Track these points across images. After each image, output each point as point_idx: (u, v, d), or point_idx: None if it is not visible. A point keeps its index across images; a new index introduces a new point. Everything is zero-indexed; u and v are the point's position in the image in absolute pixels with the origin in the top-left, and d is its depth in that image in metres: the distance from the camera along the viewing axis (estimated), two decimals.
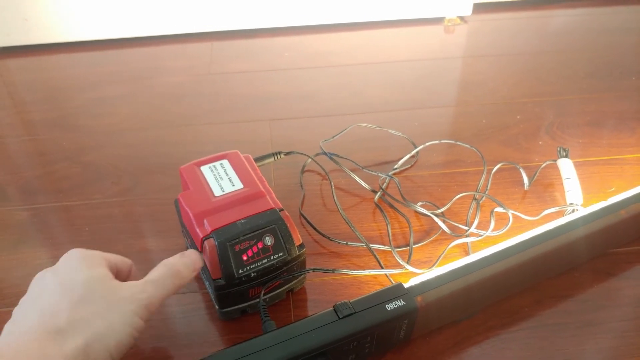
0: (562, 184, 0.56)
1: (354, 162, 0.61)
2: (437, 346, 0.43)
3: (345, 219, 0.52)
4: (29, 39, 0.88)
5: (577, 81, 0.77)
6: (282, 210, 0.43)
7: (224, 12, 0.89)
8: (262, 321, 0.40)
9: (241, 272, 0.41)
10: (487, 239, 0.51)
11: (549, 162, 0.59)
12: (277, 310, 0.46)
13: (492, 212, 0.52)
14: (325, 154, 0.60)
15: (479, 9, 0.96)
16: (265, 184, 0.46)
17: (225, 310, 0.43)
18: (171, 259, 0.39)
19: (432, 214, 0.53)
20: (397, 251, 0.50)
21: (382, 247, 0.51)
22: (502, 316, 0.45)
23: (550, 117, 0.70)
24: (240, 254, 0.41)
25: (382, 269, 0.49)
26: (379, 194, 0.57)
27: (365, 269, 0.49)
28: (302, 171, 0.61)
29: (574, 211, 0.52)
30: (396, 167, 0.61)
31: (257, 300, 0.43)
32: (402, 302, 0.39)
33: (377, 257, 0.49)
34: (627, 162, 0.61)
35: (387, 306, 0.39)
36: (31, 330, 0.32)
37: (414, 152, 0.63)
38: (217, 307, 0.44)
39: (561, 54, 0.85)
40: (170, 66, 0.84)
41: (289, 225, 0.42)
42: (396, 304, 0.39)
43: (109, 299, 0.34)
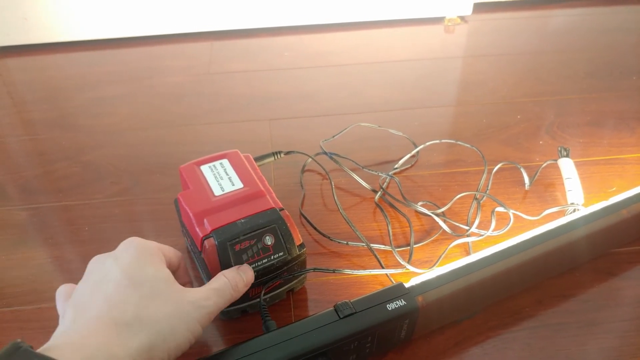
0: (563, 184, 0.56)
1: (354, 161, 0.60)
2: (438, 346, 0.43)
3: (345, 219, 0.52)
4: (29, 39, 0.88)
5: (578, 81, 0.77)
6: (282, 209, 0.43)
7: (224, 12, 0.89)
8: (263, 321, 0.40)
9: None
10: (488, 238, 0.51)
11: (549, 162, 0.59)
12: (277, 310, 0.46)
13: (493, 211, 0.52)
14: (325, 153, 0.60)
15: (479, 8, 0.96)
16: (265, 184, 0.46)
17: (225, 310, 0.43)
18: (230, 272, 0.39)
19: (432, 213, 0.53)
20: (397, 251, 0.50)
21: (382, 246, 0.51)
22: (503, 316, 0.45)
23: (550, 117, 0.70)
24: (240, 253, 0.40)
25: (383, 268, 0.48)
26: (379, 193, 0.57)
27: (365, 268, 0.49)
28: (303, 171, 0.61)
29: (575, 211, 0.52)
30: (397, 166, 0.61)
31: (258, 300, 0.43)
32: (403, 302, 0.39)
33: (378, 256, 0.49)
34: (627, 162, 0.61)
35: (388, 306, 0.38)
36: (98, 320, 0.32)
37: (414, 152, 0.63)
38: None
39: (561, 53, 0.85)
40: (169, 66, 0.84)
41: (289, 224, 0.42)
42: (397, 304, 0.39)
43: (175, 303, 0.35)
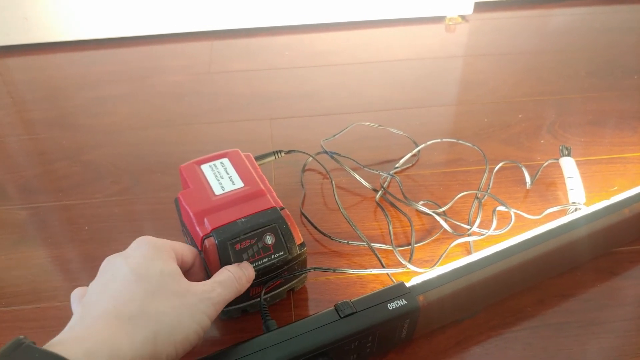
0: (565, 183, 0.56)
1: (355, 160, 0.60)
2: (439, 346, 0.43)
3: (346, 218, 0.52)
4: (29, 38, 0.88)
5: (578, 80, 0.77)
6: (282, 209, 0.43)
7: (224, 11, 0.89)
8: (263, 320, 0.40)
9: None
10: (489, 238, 0.51)
11: (551, 161, 0.59)
12: (278, 309, 0.46)
13: (494, 211, 0.52)
14: (326, 152, 0.60)
15: (480, 7, 0.96)
16: (265, 183, 0.45)
17: (225, 309, 0.43)
18: (232, 267, 0.39)
19: (433, 212, 0.53)
20: (398, 250, 0.49)
21: (383, 246, 0.51)
22: (505, 315, 0.45)
23: (551, 116, 0.69)
24: (240, 252, 0.40)
25: (384, 268, 0.48)
26: (380, 192, 0.57)
27: (366, 268, 0.49)
28: (303, 170, 0.61)
29: (576, 210, 0.52)
30: (397, 165, 0.61)
31: (258, 299, 0.43)
32: (404, 301, 0.39)
33: (379, 256, 0.49)
34: (629, 161, 0.61)
35: (388, 305, 0.38)
36: (104, 315, 0.32)
37: (415, 151, 0.62)
38: None
39: (562, 53, 0.84)
40: (170, 65, 0.84)
41: (289, 224, 0.42)
42: (398, 304, 0.38)
43: (181, 296, 0.35)
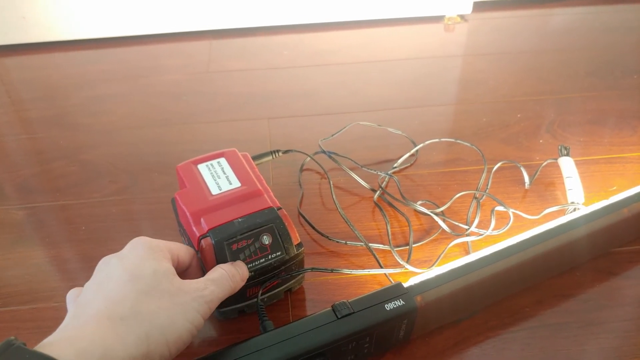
0: (563, 183, 0.56)
1: (353, 160, 0.60)
2: (437, 346, 0.43)
3: (344, 218, 0.52)
4: (27, 37, 0.88)
5: (578, 80, 0.77)
6: (280, 208, 0.43)
7: (223, 11, 0.89)
8: (260, 321, 0.40)
9: None
10: (488, 238, 0.51)
11: (550, 161, 0.59)
12: (275, 310, 0.46)
13: (493, 211, 0.52)
14: (324, 152, 0.60)
15: (479, 7, 0.96)
16: (263, 183, 0.45)
17: (222, 310, 0.43)
18: (226, 265, 0.39)
19: (432, 213, 0.52)
20: (396, 250, 0.49)
21: (381, 246, 0.51)
22: (503, 316, 0.45)
23: (551, 116, 0.69)
24: (237, 253, 0.40)
25: (382, 268, 0.48)
26: (378, 192, 0.57)
27: (364, 268, 0.49)
28: (301, 170, 0.61)
29: (575, 210, 0.52)
30: (396, 165, 0.61)
31: (255, 299, 0.43)
32: (402, 301, 0.38)
33: (377, 256, 0.49)
34: (628, 161, 0.61)
35: (386, 306, 0.38)
36: (96, 315, 0.32)
37: (413, 151, 0.62)
38: None
39: (562, 52, 0.84)
40: (168, 64, 0.84)
41: (287, 224, 0.42)
42: (395, 304, 0.38)
43: (173, 295, 0.35)
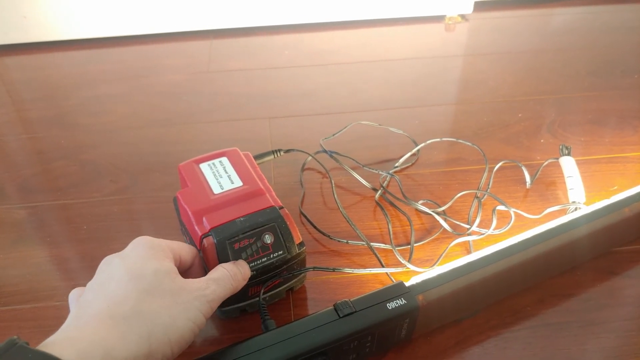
0: (565, 182, 0.56)
1: (354, 160, 0.60)
2: (439, 345, 0.43)
3: (345, 217, 0.52)
4: (28, 37, 0.88)
5: (579, 79, 0.77)
6: (281, 208, 0.43)
7: (223, 10, 0.89)
8: (262, 320, 0.40)
9: None
10: (489, 237, 0.51)
11: (551, 160, 0.59)
12: (277, 309, 0.46)
13: (494, 210, 0.52)
14: (325, 151, 0.60)
15: (479, 7, 0.96)
16: (264, 182, 0.45)
17: (224, 309, 0.43)
18: (228, 264, 0.39)
19: (433, 212, 0.52)
20: (398, 250, 0.49)
21: (383, 245, 0.51)
22: (504, 315, 0.45)
23: (551, 115, 0.69)
24: (239, 252, 0.40)
25: (383, 267, 0.48)
26: (379, 192, 0.57)
27: (366, 267, 0.49)
28: (302, 169, 0.61)
29: (576, 209, 0.52)
30: (397, 165, 0.61)
31: (257, 299, 0.43)
32: (403, 301, 0.38)
33: (378, 255, 0.49)
34: (629, 160, 0.61)
35: (388, 305, 0.38)
36: (98, 315, 0.32)
37: (414, 150, 0.62)
38: None
39: (562, 52, 0.84)
40: (168, 64, 0.84)
41: (288, 223, 0.42)
42: (397, 303, 0.38)
43: (175, 294, 0.35)
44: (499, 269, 0.42)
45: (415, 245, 0.51)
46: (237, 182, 0.44)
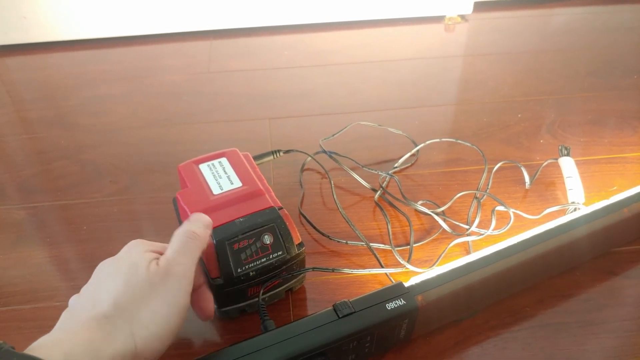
0: (564, 183, 0.56)
1: (354, 160, 0.60)
2: (438, 346, 0.43)
3: (345, 218, 0.52)
4: (28, 37, 0.88)
5: (578, 80, 0.77)
6: (281, 208, 0.43)
7: (223, 11, 0.89)
8: (261, 320, 0.40)
9: (240, 271, 0.40)
10: (488, 237, 0.51)
11: (550, 161, 0.59)
12: (276, 309, 0.46)
13: (493, 210, 0.52)
14: (325, 152, 0.60)
15: (479, 7, 0.96)
16: (264, 182, 0.45)
17: (224, 309, 0.43)
18: (181, 227, 0.38)
19: (432, 212, 0.52)
20: (397, 250, 0.49)
21: (382, 246, 0.51)
22: (504, 315, 0.45)
23: (551, 116, 0.69)
24: (238, 252, 0.40)
25: (382, 268, 0.48)
26: (379, 192, 0.57)
27: (365, 268, 0.49)
28: (302, 170, 0.61)
29: (575, 210, 0.52)
30: (396, 165, 0.61)
31: (256, 299, 0.43)
32: (403, 301, 0.38)
33: (377, 256, 0.49)
34: (629, 161, 0.61)
35: (387, 305, 0.38)
36: (83, 318, 0.33)
37: (414, 151, 0.62)
38: (215, 306, 0.43)
39: (562, 52, 0.84)
40: (169, 64, 0.84)
41: (288, 223, 0.42)
42: (396, 304, 0.38)
43: (152, 283, 0.35)
44: (498, 270, 0.42)
45: (414, 245, 0.51)
46: (237, 183, 0.44)
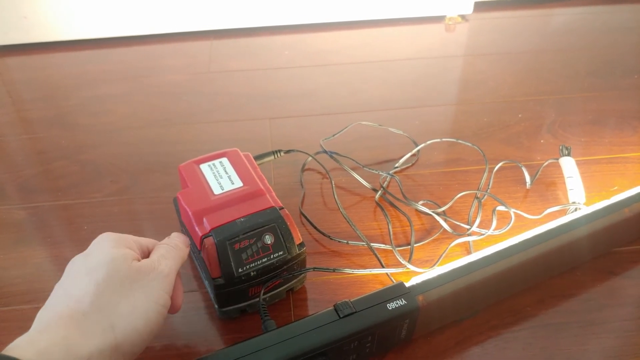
0: (565, 183, 0.56)
1: (354, 160, 0.60)
2: (439, 346, 0.43)
3: (345, 218, 0.52)
4: (28, 37, 0.88)
5: (579, 80, 0.77)
6: (282, 208, 0.43)
7: (224, 11, 0.89)
8: (262, 320, 0.40)
9: (241, 271, 0.40)
10: (489, 237, 0.51)
11: (551, 161, 0.59)
12: (277, 309, 0.46)
13: (494, 210, 0.52)
14: (325, 152, 0.60)
15: (480, 7, 0.96)
16: (265, 182, 0.45)
17: (224, 309, 0.43)
18: (164, 240, 0.41)
19: (433, 212, 0.52)
20: (398, 250, 0.49)
21: (383, 246, 0.51)
22: (504, 315, 0.45)
23: (551, 116, 0.69)
24: (239, 252, 0.40)
25: (383, 268, 0.48)
26: (379, 192, 0.57)
27: (366, 268, 0.49)
28: (303, 170, 0.61)
29: (576, 210, 0.52)
30: (397, 165, 0.61)
31: (257, 299, 0.43)
32: (404, 301, 0.38)
33: (378, 256, 0.49)
34: (629, 161, 0.61)
35: (388, 305, 0.38)
36: (58, 316, 0.32)
37: (415, 151, 0.62)
38: (216, 306, 0.44)
39: (562, 52, 0.84)
40: (169, 64, 0.84)
41: (289, 223, 0.42)
42: (397, 303, 0.38)
43: (133, 279, 0.35)
44: (499, 270, 0.42)
45: (415, 245, 0.51)
46: (238, 183, 0.44)
